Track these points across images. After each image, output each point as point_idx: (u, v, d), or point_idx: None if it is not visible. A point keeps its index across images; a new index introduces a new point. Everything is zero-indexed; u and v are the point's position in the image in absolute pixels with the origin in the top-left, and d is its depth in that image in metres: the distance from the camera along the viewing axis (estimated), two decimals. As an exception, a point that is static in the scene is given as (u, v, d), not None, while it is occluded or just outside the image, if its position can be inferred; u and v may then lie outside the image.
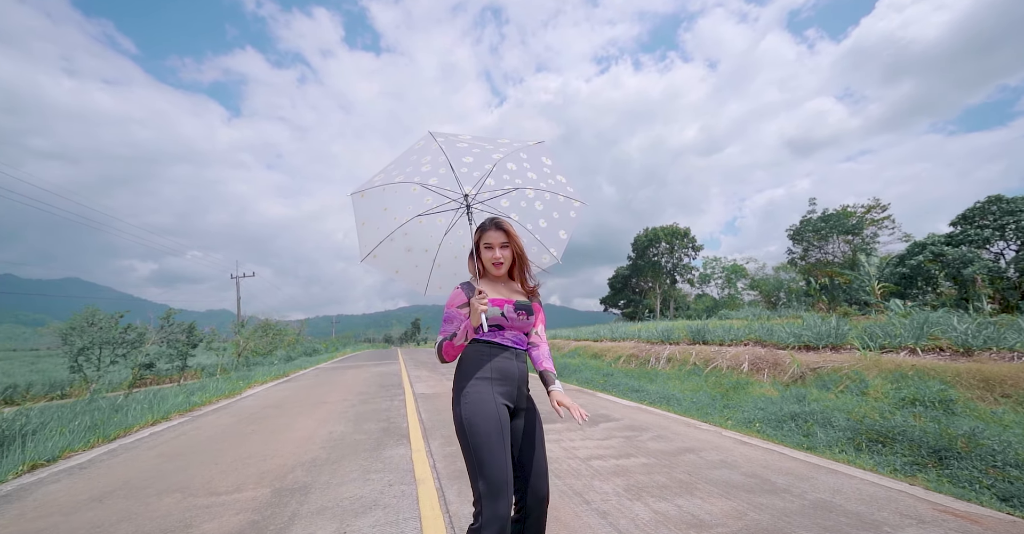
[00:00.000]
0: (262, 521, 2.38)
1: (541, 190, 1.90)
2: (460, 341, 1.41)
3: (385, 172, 1.77)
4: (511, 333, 1.53)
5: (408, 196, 1.79)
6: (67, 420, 4.61)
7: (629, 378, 8.81)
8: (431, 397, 7.07)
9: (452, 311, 1.51)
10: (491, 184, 1.80)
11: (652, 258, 43.64)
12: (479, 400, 1.40)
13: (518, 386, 1.51)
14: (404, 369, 13.10)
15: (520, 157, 1.82)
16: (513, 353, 1.52)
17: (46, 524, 2.43)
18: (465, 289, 1.55)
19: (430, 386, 8.58)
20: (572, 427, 4.66)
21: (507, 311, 1.50)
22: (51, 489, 3.05)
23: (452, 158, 1.65)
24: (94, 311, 16.01)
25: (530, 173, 1.86)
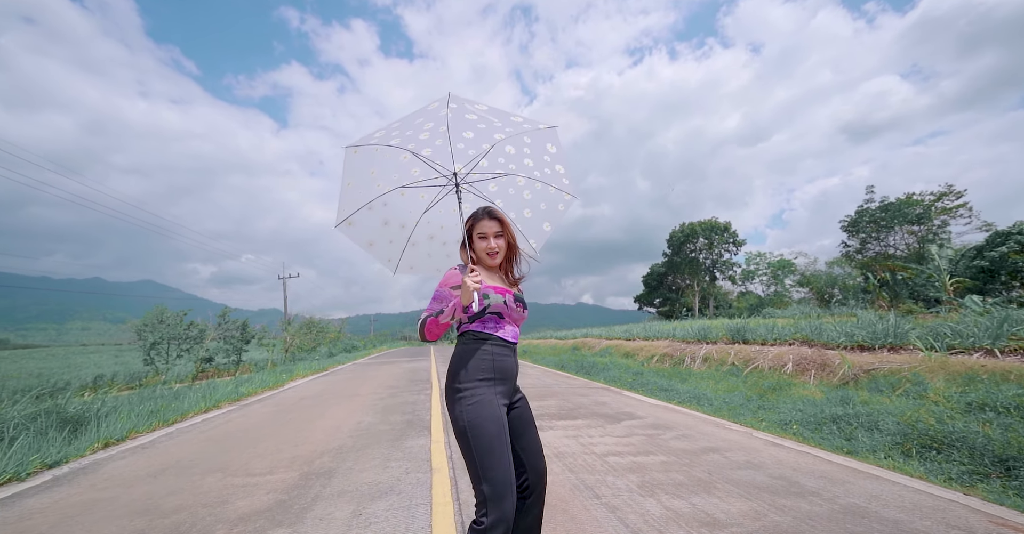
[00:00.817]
0: (288, 500, 2.55)
1: (533, 179, 1.84)
2: (447, 319, 1.38)
3: (387, 129, 1.67)
4: (510, 326, 1.51)
5: (397, 163, 1.68)
6: (134, 406, 5.17)
7: (660, 377, 8.53)
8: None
9: (444, 290, 1.45)
10: (484, 165, 1.73)
11: (689, 254, 41.84)
12: (483, 403, 1.37)
13: (513, 382, 1.51)
14: (434, 365, 13.45)
15: (522, 141, 1.74)
16: (512, 350, 1.50)
17: (110, 495, 2.75)
18: (461, 271, 1.50)
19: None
20: (593, 424, 4.60)
21: (508, 301, 1.48)
22: (117, 464, 3.44)
23: (453, 130, 1.56)
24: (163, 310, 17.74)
25: (527, 159, 1.80)
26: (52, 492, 2.85)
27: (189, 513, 2.39)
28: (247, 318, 20.12)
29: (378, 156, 1.66)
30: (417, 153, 1.64)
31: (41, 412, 4.04)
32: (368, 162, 1.68)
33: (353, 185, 1.70)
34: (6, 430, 3.69)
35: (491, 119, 1.66)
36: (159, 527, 2.23)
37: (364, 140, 1.65)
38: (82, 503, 2.62)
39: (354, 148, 1.66)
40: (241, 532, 2.14)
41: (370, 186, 1.69)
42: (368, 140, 1.64)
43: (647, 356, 12.14)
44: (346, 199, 1.71)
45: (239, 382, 8.21)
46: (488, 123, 1.65)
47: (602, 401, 6.23)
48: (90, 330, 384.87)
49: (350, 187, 1.70)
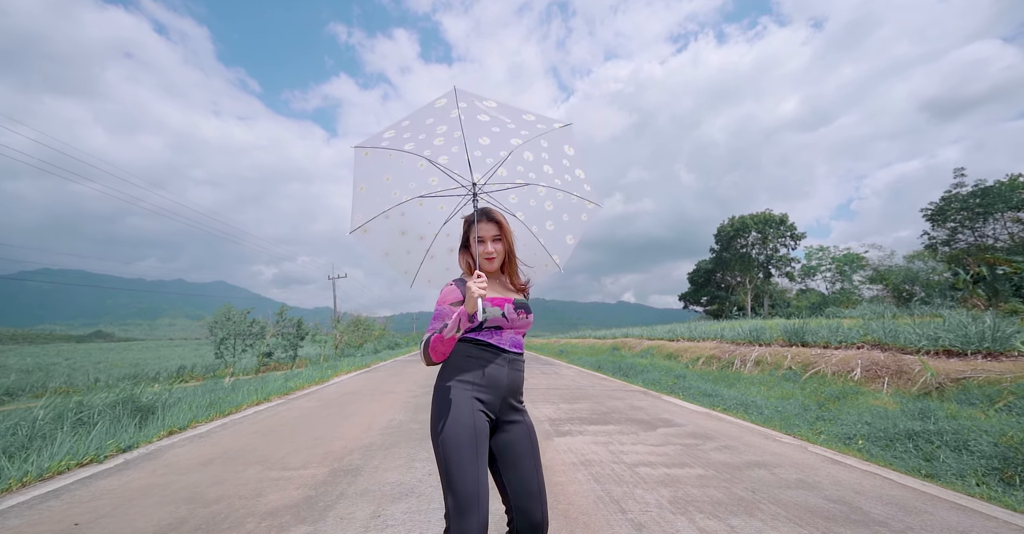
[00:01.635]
0: (315, 497, 2.64)
1: (554, 189, 1.73)
2: (452, 332, 1.25)
3: (397, 129, 1.57)
4: (510, 334, 1.41)
5: (413, 170, 1.61)
6: (197, 397, 5.68)
7: (704, 381, 8.01)
8: (489, 392, 7.22)
9: (444, 308, 1.34)
10: (503, 174, 1.64)
11: (740, 249, 39.11)
12: (454, 404, 1.29)
13: (505, 397, 1.37)
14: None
15: (540, 145, 1.64)
16: (506, 359, 1.38)
17: (165, 481, 3.01)
18: (458, 285, 1.40)
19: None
20: (626, 430, 4.38)
21: (508, 311, 1.37)
22: (177, 452, 3.77)
23: (468, 136, 1.48)
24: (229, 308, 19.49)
25: (546, 166, 1.68)
26: (121, 475, 3.17)
27: (226, 504, 2.54)
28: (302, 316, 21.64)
29: (392, 161, 1.60)
30: (434, 161, 1.57)
31: (119, 401, 4.54)
32: (382, 166, 1.61)
33: (367, 190, 1.63)
34: (92, 416, 4.18)
35: (504, 120, 1.57)
36: (199, 516, 2.38)
37: (374, 141, 1.58)
38: (141, 487, 2.88)
39: (364, 149, 1.58)
40: (268, 527, 2.22)
41: (386, 193, 1.63)
42: (378, 141, 1.57)
43: (691, 358, 11.47)
44: (360, 204, 1.64)
45: (288, 377, 8.80)
46: (502, 126, 1.56)
47: (638, 406, 5.94)
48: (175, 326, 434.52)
49: (363, 192, 1.63)
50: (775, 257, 38.18)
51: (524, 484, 1.30)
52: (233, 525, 2.26)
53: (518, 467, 1.32)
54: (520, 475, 1.31)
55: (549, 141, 1.66)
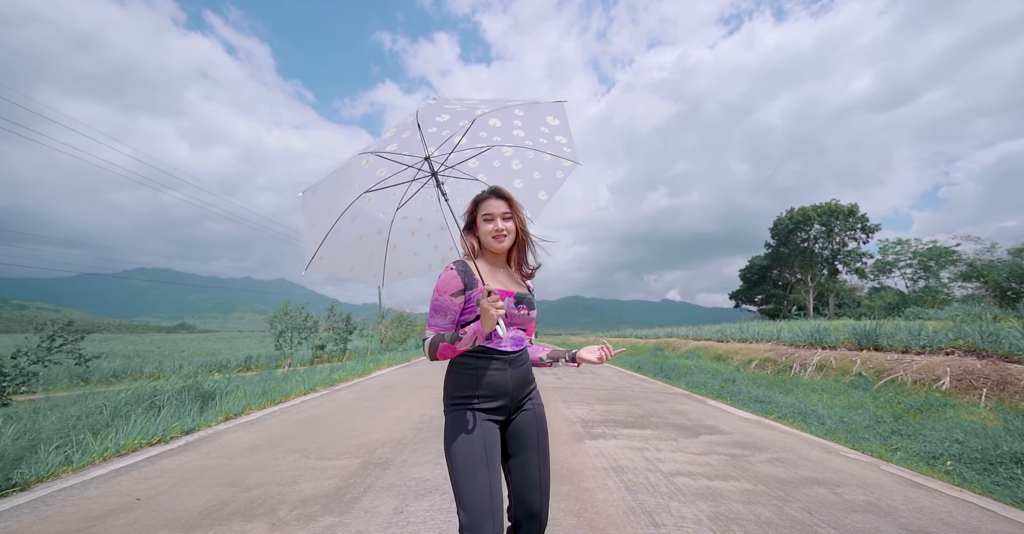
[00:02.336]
0: (344, 488, 2.70)
1: (522, 148, 1.60)
2: (466, 346, 1.19)
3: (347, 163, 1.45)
4: (511, 332, 1.32)
5: (358, 172, 1.46)
6: (254, 385, 6.14)
7: (756, 386, 7.41)
8: (523, 390, 7.15)
9: (444, 300, 1.24)
10: (463, 144, 1.52)
11: (800, 244, 35.87)
12: (458, 422, 1.24)
13: (513, 397, 1.31)
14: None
15: (512, 114, 1.51)
16: (507, 360, 1.30)
17: (216, 463, 3.24)
18: (460, 270, 1.26)
19: (526, 379, 8.71)
20: (664, 435, 4.11)
21: (508, 307, 1.28)
22: (230, 437, 4.07)
23: (423, 118, 1.35)
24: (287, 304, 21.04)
25: (517, 130, 1.56)
26: (181, 455, 3.47)
27: (264, 490, 2.68)
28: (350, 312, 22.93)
29: (335, 180, 1.46)
30: (380, 152, 1.43)
31: (186, 387, 5.01)
32: (327, 192, 1.48)
33: (317, 224, 1.50)
34: (162, 400, 4.64)
35: (474, 102, 1.43)
36: (239, 500, 2.52)
37: (321, 178, 1.48)
38: (196, 469, 3.12)
39: (312, 188, 1.46)
40: (297, 515, 2.30)
41: (332, 210, 1.48)
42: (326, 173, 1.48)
43: (743, 360, 10.68)
44: (311, 238, 1.51)
45: (334, 369, 9.29)
46: (469, 107, 1.42)
47: (680, 410, 5.59)
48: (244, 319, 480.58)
49: (314, 227, 1.50)
50: (842, 252, 34.59)
51: (526, 473, 1.29)
52: (267, 511, 2.36)
53: (521, 455, 1.30)
54: (523, 463, 1.29)
55: (527, 112, 1.53)
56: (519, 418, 1.33)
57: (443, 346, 1.21)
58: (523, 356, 1.37)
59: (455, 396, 1.27)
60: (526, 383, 1.36)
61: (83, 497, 2.60)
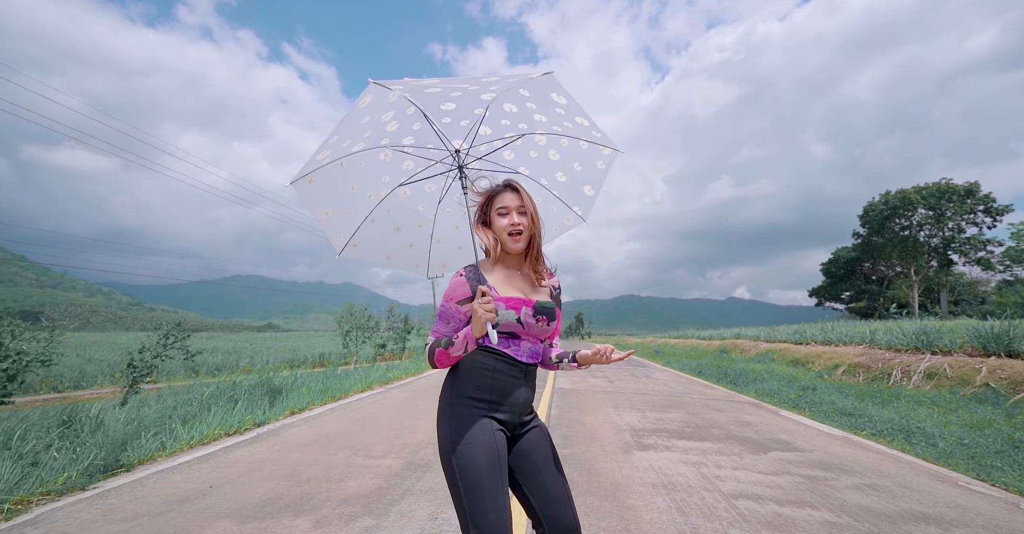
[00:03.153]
0: (385, 488, 2.77)
1: (556, 135, 1.50)
2: (459, 352, 1.13)
3: (330, 147, 1.43)
4: (528, 343, 1.21)
5: (379, 165, 1.48)
6: (317, 382, 6.66)
7: (843, 396, 6.51)
8: (569, 393, 6.93)
9: (450, 307, 1.19)
10: (487, 133, 1.45)
11: (899, 232, 31.10)
12: (471, 426, 1.14)
13: (520, 413, 1.21)
14: (560, 362, 13.42)
15: (520, 95, 1.40)
16: (523, 371, 1.20)
17: (277, 456, 3.51)
18: (470, 276, 1.19)
19: (572, 381, 8.46)
20: (726, 450, 3.71)
21: (524, 316, 1.17)
22: (292, 431, 4.41)
23: (426, 107, 1.31)
24: (351, 305, 22.70)
25: (537, 115, 1.45)
26: (250, 447, 3.81)
27: (314, 486, 2.83)
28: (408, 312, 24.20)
29: (348, 170, 1.46)
30: (398, 145, 1.41)
31: (258, 383, 5.54)
32: (338, 182, 1.48)
33: (334, 212, 1.53)
34: (239, 395, 5.18)
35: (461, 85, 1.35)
36: (290, 494, 2.68)
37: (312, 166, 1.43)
38: (260, 460, 3.40)
39: (307, 178, 1.45)
40: (339, 515, 2.38)
41: (359, 201, 1.51)
42: (316, 164, 1.42)
43: (826, 365, 9.48)
44: (335, 226, 1.55)
45: (390, 367, 9.79)
46: (463, 90, 1.33)
47: (746, 421, 5.05)
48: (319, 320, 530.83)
49: (330, 216, 1.53)
50: (958, 239, 29.35)
51: (549, 490, 1.18)
52: (313, 508, 2.48)
53: (540, 474, 1.19)
54: (544, 482, 1.18)
55: (531, 91, 1.41)
56: (529, 435, 1.23)
57: (439, 352, 1.16)
58: (535, 370, 1.26)
59: (466, 396, 1.17)
60: (530, 403, 1.26)
61: (169, 481, 2.94)
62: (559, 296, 1.35)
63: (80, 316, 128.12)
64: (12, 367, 5.56)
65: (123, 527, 2.24)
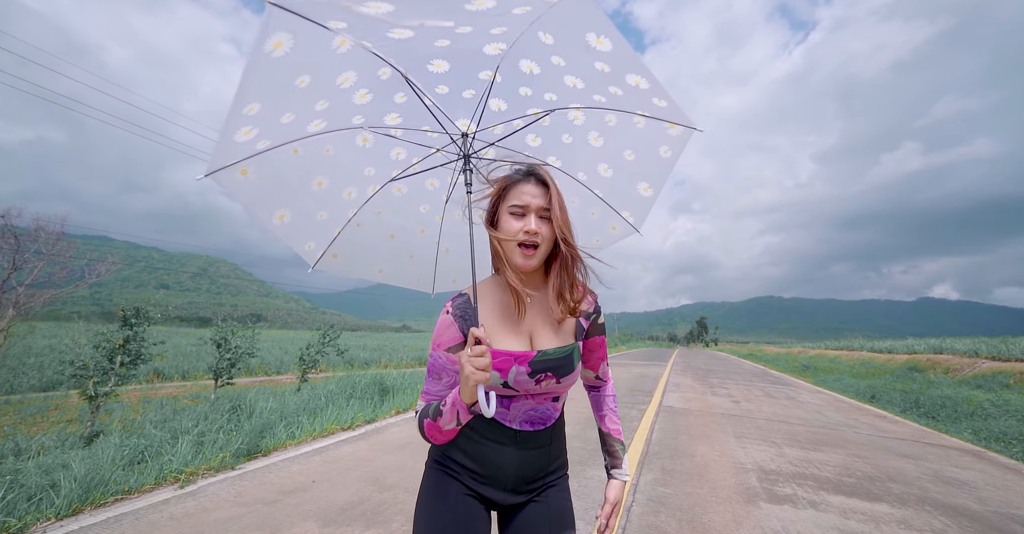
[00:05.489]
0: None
1: (598, 108, 1.08)
2: (449, 425, 0.84)
3: (261, 123, 0.99)
4: (527, 402, 0.88)
5: (357, 153, 1.15)
6: (418, 383, 7.19)
7: None
8: (679, 413, 5.96)
9: (439, 357, 0.90)
10: (502, 109, 1.09)
11: None
12: (434, 488, 0.90)
13: (513, 488, 0.90)
14: (667, 374, 11.93)
15: (541, 43, 0.97)
16: (512, 437, 0.88)
17: (373, 456, 3.77)
18: (457, 313, 0.89)
19: (686, 399, 7.31)
20: (912, 522, 2.61)
21: (515, 378, 0.84)
22: (392, 431, 4.75)
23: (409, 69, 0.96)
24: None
25: (570, 77, 1.04)
26: (356, 444, 4.20)
27: (392, 494, 2.89)
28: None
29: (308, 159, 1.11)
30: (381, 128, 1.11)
31: (372, 382, 6.21)
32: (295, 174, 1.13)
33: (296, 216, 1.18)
34: (355, 392, 5.87)
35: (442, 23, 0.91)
36: (371, 501, 2.78)
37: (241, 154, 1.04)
38: (359, 459, 3.70)
39: (239, 168, 1.06)
40: (406, 531, 2.35)
41: (335, 200, 1.20)
42: (251, 150, 1.04)
43: (1112, 401, 6.33)
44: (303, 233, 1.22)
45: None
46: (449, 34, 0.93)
47: (957, 478, 3.55)
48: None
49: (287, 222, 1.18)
50: None
51: None
52: (386, 519, 2.51)
53: None
54: None
55: (555, 33, 0.95)
56: (527, 510, 0.90)
57: (428, 424, 0.87)
58: (544, 436, 0.91)
59: (438, 450, 0.92)
60: (539, 472, 0.91)
61: (287, 471, 3.39)
62: (596, 322, 0.96)
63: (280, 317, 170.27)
64: (232, 357, 7.49)
65: (242, 511, 2.61)
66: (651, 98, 1.09)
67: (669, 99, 1.10)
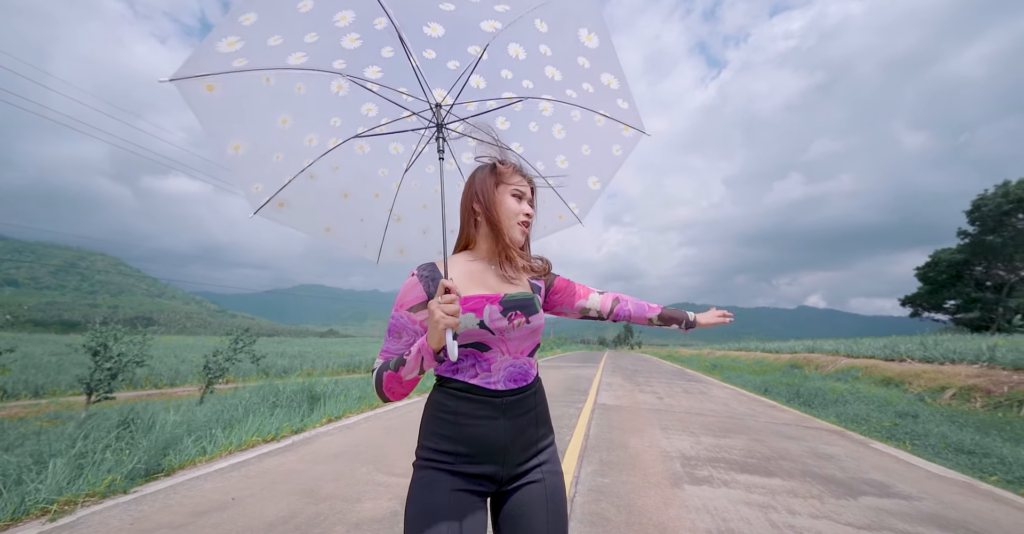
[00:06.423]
0: (399, 513, 2.56)
1: (567, 104, 1.16)
2: (412, 373, 0.85)
3: (248, 37, 0.91)
4: (504, 360, 0.92)
5: (328, 99, 1.08)
6: (354, 389, 6.76)
7: (956, 426, 5.39)
8: (612, 409, 6.39)
9: (401, 317, 0.93)
10: (480, 86, 1.11)
11: (1022, 229, 26.26)
12: (423, 487, 0.89)
13: (508, 460, 0.91)
14: (599, 375, 12.70)
15: (535, 31, 1.02)
16: (499, 405, 0.90)
17: (303, 468, 3.47)
18: (424, 274, 0.93)
19: (617, 396, 7.85)
20: (801, 490, 3.09)
21: (490, 316, 0.88)
22: (325, 440, 4.41)
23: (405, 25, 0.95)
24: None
25: (551, 68, 1.10)
26: (282, 456, 3.83)
27: (329, 505, 2.70)
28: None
29: (278, 92, 1.03)
30: (359, 78, 1.05)
31: (300, 389, 5.70)
32: (260, 104, 1.04)
33: (250, 150, 1.08)
34: (280, 401, 5.34)
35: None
36: (305, 514, 2.56)
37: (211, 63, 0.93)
38: (287, 472, 3.38)
39: (205, 82, 0.95)
40: (345, 541, 2.22)
41: (294, 144, 1.11)
42: (226, 66, 0.94)
43: (928, 387, 8.04)
44: (253, 171, 1.11)
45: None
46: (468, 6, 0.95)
47: (827, 453, 4.26)
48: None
49: (240, 153, 1.07)
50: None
51: None
52: (325, 529, 2.33)
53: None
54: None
55: (551, 23, 1.02)
56: (521, 493, 0.92)
57: (387, 376, 0.88)
58: (529, 399, 0.95)
59: (425, 447, 0.92)
60: (532, 440, 0.94)
61: (200, 490, 2.97)
62: (549, 273, 1.06)
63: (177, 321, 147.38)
64: (114, 367, 6.28)
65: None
66: (616, 99, 1.20)
67: (631, 102, 1.22)
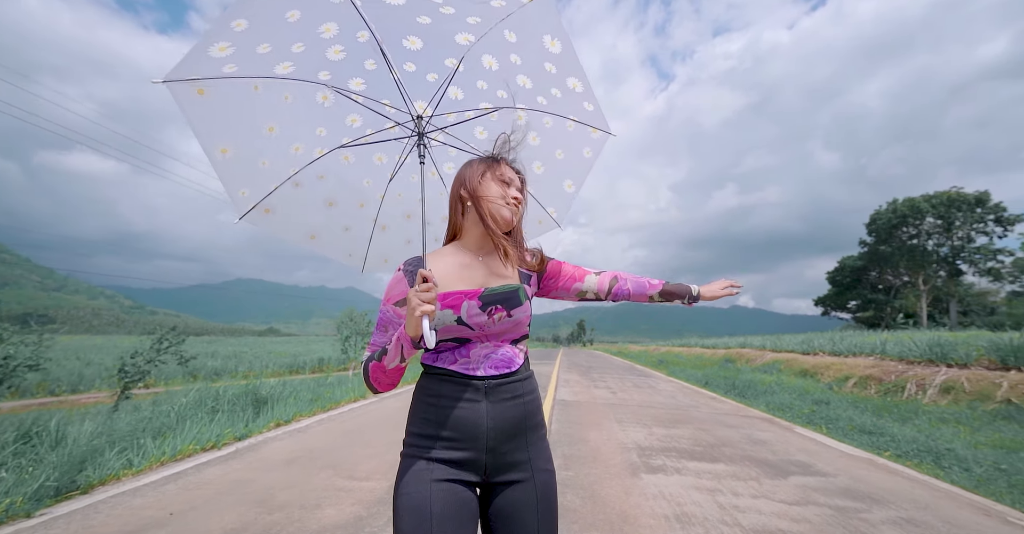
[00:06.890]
0: (364, 519, 2.47)
1: (539, 111, 1.22)
2: (393, 362, 0.85)
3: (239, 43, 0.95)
4: (483, 349, 0.92)
5: (314, 109, 1.12)
6: (306, 391, 6.37)
7: (858, 410, 6.19)
8: (571, 405, 6.61)
9: (388, 311, 0.95)
10: (458, 98, 1.17)
11: (907, 241, 30.81)
12: (406, 474, 0.88)
13: (491, 447, 0.90)
14: (556, 371, 13.07)
15: (504, 40, 1.09)
16: (481, 389, 0.90)
17: (252, 477, 3.21)
18: (409, 269, 0.96)
19: (574, 392, 8.13)
20: (742, 473, 3.40)
21: (467, 312, 0.89)
22: (274, 446, 4.12)
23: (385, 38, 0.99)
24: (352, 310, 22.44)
25: (522, 76, 1.16)
26: (226, 465, 3.52)
27: (286, 514, 2.53)
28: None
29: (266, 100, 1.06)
30: (344, 89, 1.08)
31: (243, 392, 5.26)
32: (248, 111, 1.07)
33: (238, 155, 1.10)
34: (221, 405, 4.90)
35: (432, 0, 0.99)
36: (258, 524, 2.39)
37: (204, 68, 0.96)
38: (233, 481, 3.11)
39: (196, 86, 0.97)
40: (308, 550, 2.10)
41: (280, 151, 1.14)
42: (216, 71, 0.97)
43: (836, 377, 9.15)
44: (237, 175, 1.13)
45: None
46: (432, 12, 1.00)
47: (761, 438, 4.72)
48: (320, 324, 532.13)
49: (228, 157, 1.09)
50: (967, 249, 28.96)
51: None
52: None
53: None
54: None
55: (519, 32, 1.09)
56: (512, 491, 0.91)
57: (373, 366, 0.89)
58: (516, 385, 0.94)
59: (411, 432, 0.92)
60: (517, 428, 0.92)
61: (128, 507, 2.65)
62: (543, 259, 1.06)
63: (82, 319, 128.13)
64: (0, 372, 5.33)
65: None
66: (583, 102, 1.27)
67: (596, 103, 1.29)
